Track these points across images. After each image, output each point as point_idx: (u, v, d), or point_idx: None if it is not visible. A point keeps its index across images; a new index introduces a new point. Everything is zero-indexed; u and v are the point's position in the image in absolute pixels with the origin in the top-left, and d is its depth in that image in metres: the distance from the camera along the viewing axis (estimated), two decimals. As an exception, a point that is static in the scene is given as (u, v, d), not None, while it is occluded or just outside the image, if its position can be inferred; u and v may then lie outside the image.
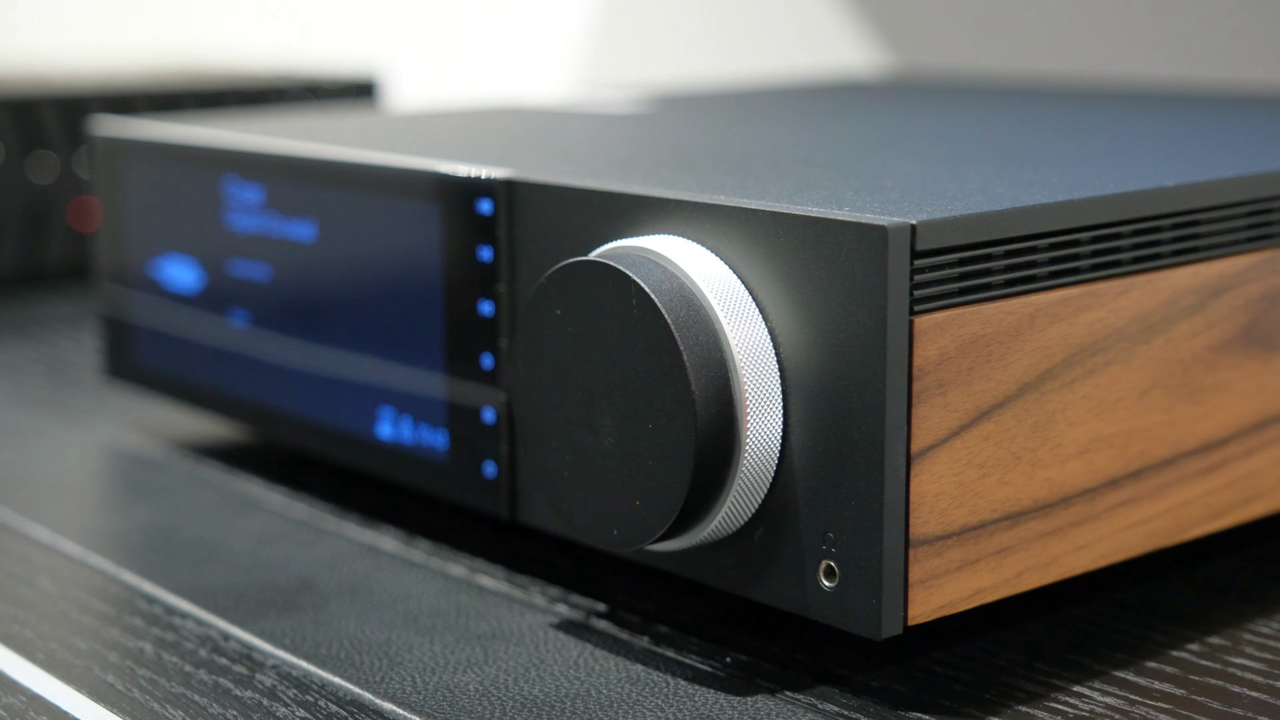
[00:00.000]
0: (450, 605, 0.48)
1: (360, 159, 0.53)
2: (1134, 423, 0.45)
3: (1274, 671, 0.43)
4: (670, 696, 0.42)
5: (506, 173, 0.48)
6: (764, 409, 0.41)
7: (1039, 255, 0.42)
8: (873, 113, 0.70)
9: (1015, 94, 0.76)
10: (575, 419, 0.44)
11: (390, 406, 0.53)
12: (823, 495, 0.41)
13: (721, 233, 0.43)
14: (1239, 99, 0.72)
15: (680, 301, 0.41)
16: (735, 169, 0.49)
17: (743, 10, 1.18)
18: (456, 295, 0.50)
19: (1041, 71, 1.00)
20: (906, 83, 0.86)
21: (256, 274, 0.57)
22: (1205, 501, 0.47)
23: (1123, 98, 0.73)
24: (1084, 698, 0.42)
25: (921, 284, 0.40)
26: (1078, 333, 0.43)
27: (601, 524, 0.43)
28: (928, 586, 0.41)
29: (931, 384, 0.40)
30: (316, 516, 0.56)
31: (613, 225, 0.45)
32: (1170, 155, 0.52)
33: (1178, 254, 0.45)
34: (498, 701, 0.42)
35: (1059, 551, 0.44)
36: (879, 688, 0.43)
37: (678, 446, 0.41)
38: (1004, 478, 0.42)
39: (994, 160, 0.51)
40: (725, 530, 0.43)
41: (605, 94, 0.79)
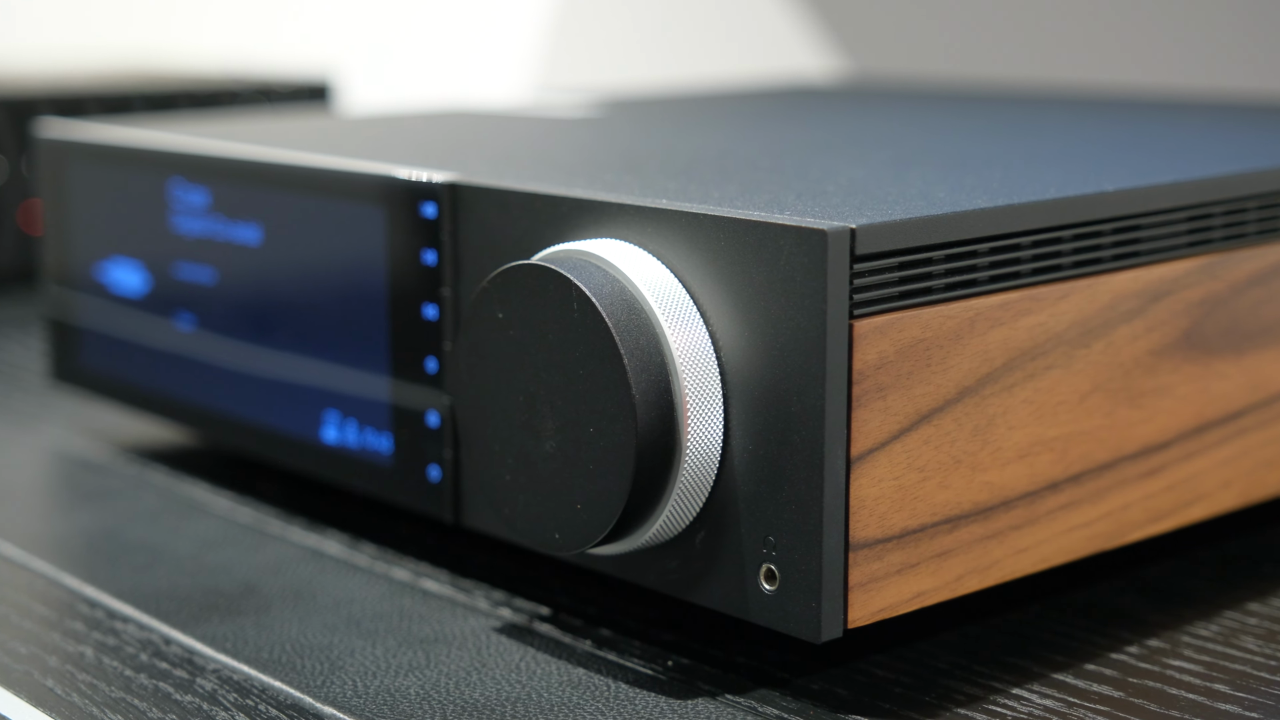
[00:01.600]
0: (393, 609, 0.48)
1: (305, 162, 0.53)
2: (1074, 426, 0.45)
3: (1211, 674, 0.43)
4: (611, 700, 0.42)
5: (450, 176, 0.48)
6: (705, 413, 0.41)
7: (979, 259, 0.43)
8: (822, 117, 0.70)
9: (967, 99, 0.76)
10: (517, 422, 0.44)
11: (335, 410, 0.53)
12: (763, 499, 0.41)
13: (663, 236, 0.43)
14: (1187, 104, 0.72)
15: (621, 305, 0.41)
16: (680, 173, 0.49)
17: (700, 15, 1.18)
18: (401, 299, 0.50)
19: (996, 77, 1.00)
20: (860, 87, 0.86)
21: (202, 277, 0.57)
22: (1146, 505, 0.47)
23: (1073, 103, 0.73)
24: (1022, 700, 0.42)
25: (861, 288, 0.40)
26: (1018, 337, 0.43)
27: (543, 527, 0.43)
28: (868, 590, 0.41)
29: (871, 388, 0.40)
30: (262, 520, 0.55)
31: (556, 229, 0.45)
32: (1113, 160, 0.52)
33: (1118, 258, 0.46)
34: (438, 705, 0.42)
35: (999, 555, 0.44)
36: (819, 690, 0.43)
37: (618, 450, 0.41)
38: (944, 481, 0.42)
39: (939, 164, 0.51)
40: (667, 534, 0.43)
41: (556, 98, 0.79)
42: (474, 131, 0.64)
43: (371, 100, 1.20)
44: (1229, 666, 0.44)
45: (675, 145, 0.57)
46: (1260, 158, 0.52)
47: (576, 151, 0.57)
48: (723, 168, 0.50)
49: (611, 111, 0.70)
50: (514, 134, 0.63)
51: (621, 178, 0.48)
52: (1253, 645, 0.45)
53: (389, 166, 0.50)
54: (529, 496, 0.44)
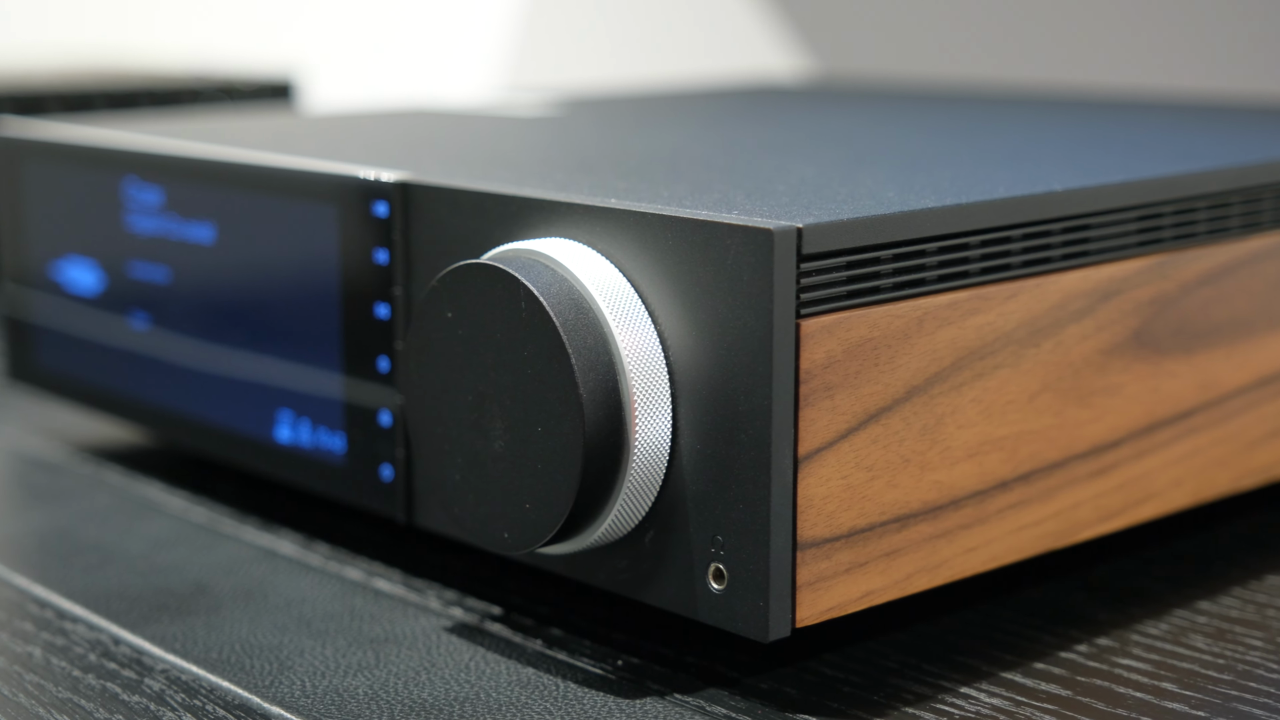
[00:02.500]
0: (344, 609, 0.48)
1: (258, 161, 0.53)
2: (1024, 426, 0.45)
3: (1159, 672, 0.44)
4: (559, 699, 0.42)
5: (402, 175, 0.48)
6: (653, 412, 0.41)
7: (928, 259, 0.43)
8: (782, 116, 0.70)
9: (930, 99, 0.76)
10: (466, 422, 0.43)
11: (289, 410, 0.53)
12: (711, 498, 0.41)
13: (612, 236, 0.43)
14: (1147, 104, 0.73)
15: (569, 304, 0.41)
16: (632, 172, 0.49)
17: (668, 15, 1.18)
18: (353, 298, 0.50)
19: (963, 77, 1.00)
20: (825, 87, 0.86)
21: (156, 276, 0.57)
22: (1096, 504, 0.47)
23: (1034, 103, 0.74)
24: (970, 699, 0.42)
25: (808, 287, 0.40)
26: (966, 336, 0.43)
27: (492, 527, 0.43)
28: (816, 589, 0.41)
29: (819, 387, 0.41)
30: (216, 520, 0.55)
31: (506, 228, 0.45)
32: (1065, 159, 0.52)
33: (1068, 258, 0.46)
34: (386, 705, 0.42)
35: (949, 554, 0.44)
36: (768, 690, 0.43)
37: (566, 449, 0.41)
38: (893, 480, 0.42)
39: (891, 164, 0.51)
40: (615, 533, 0.43)
41: (517, 97, 0.79)
42: (431, 130, 0.64)
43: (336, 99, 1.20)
44: (1177, 665, 0.44)
45: (630, 145, 0.57)
46: (1210, 157, 0.52)
47: (531, 151, 0.57)
48: (675, 167, 0.50)
49: (571, 111, 0.70)
50: (471, 133, 0.63)
51: (573, 177, 0.48)
52: (1201, 644, 0.45)
53: (341, 165, 0.50)
54: (478, 496, 0.44)
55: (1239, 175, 0.50)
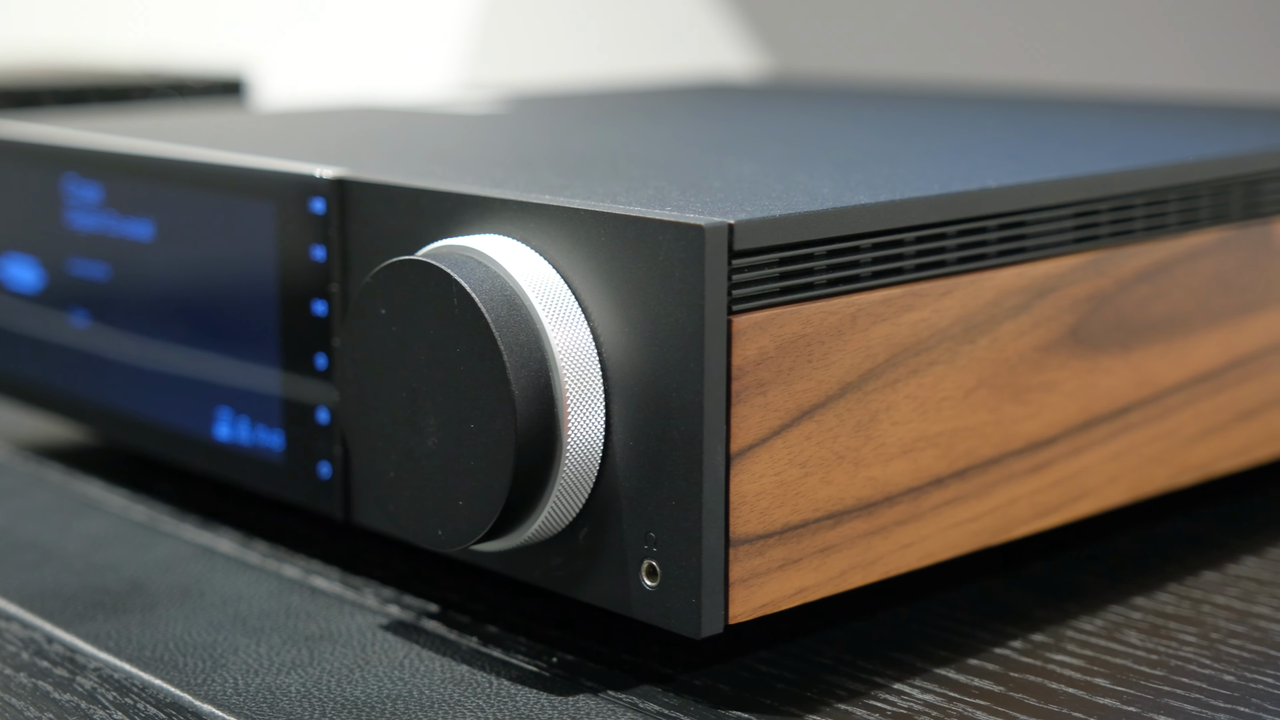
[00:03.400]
0: (280, 607, 0.48)
1: (196, 157, 0.53)
2: (959, 422, 0.45)
3: (1092, 668, 0.44)
4: (492, 697, 0.42)
5: (338, 172, 0.48)
6: (585, 409, 0.41)
7: (862, 255, 0.43)
8: (730, 114, 0.70)
9: (879, 97, 0.76)
10: (400, 418, 0.43)
11: (228, 407, 0.52)
12: (644, 495, 0.41)
13: (545, 232, 0.42)
14: (1094, 102, 0.73)
15: (501, 301, 0.41)
16: (570, 169, 0.49)
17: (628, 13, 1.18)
18: (290, 295, 0.50)
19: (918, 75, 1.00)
20: (779, 85, 0.86)
21: (96, 273, 0.57)
22: (1032, 500, 0.47)
23: (981, 100, 0.74)
24: (903, 695, 0.42)
25: (740, 284, 0.40)
26: (901, 333, 0.43)
27: (427, 524, 0.43)
28: (749, 585, 0.41)
29: (751, 383, 0.40)
30: (155, 518, 0.55)
31: (441, 225, 0.45)
32: (1005, 156, 0.52)
33: (1004, 254, 0.46)
34: (318, 703, 0.41)
35: (883, 550, 0.44)
36: (702, 686, 0.43)
37: (499, 446, 0.41)
38: (827, 477, 0.42)
39: (831, 161, 0.51)
40: (550, 530, 0.43)
41: (467, 93, 0.79)
42: (376, 127, 0.64)
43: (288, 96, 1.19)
44: (1110, 661, 0.44)
45: (573, 142, 0.57)
46: (1148, 155, 0.52)
47: (472, 147, 0.57)
48: (615, 164, 0.50)
49: (519, 108, 0.70)
50: (415, 130, 0.62)
51: (511, 174, 0.48)
52: (1135, 640, 0.45)
53: (278, 162, 0.50)
54: (413, 493, 0.43)
55: (1176, 172, 0.50)
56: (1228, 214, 0.52)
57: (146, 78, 0.97)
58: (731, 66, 1.11)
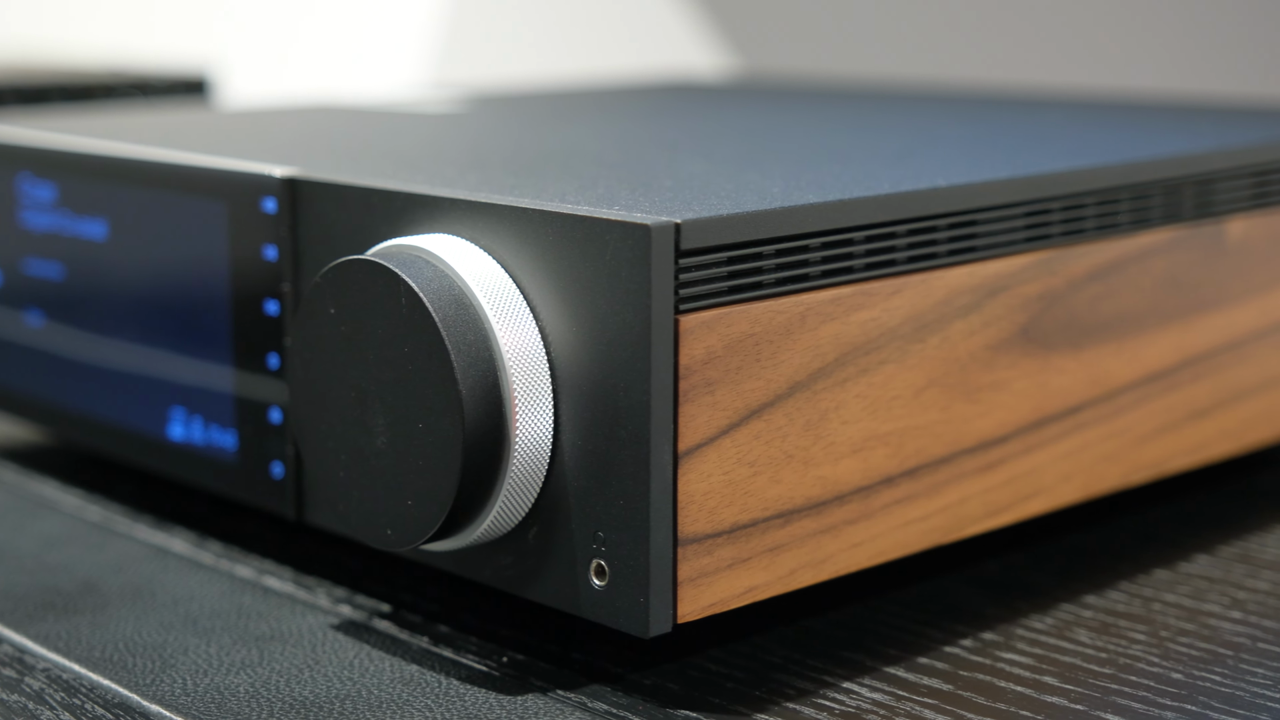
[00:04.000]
0: (232, 607, 0.48)
1: (149, 157, 0.52)
2: (909, 421, 0.45)
3: (1041, 666, 0.44)
4: (441, 696, 0.42)
5: (290, 171, 0.48)
6: (534, 408, 0.41)
7: (811, 254, 0.43)
8: (689, 113, 0.70)
9: (844, 96, 0.76)
10: (349, 418, 0.43)
11: (181, 407, 0.52)
12: (593, 494, 0.41)
13: (494, 232, 0.42)
14: (1049, 102, 0.73)
15: (449, 301, 0.41)
16: (523, 169, 0.49)
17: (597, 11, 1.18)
18: (243, 294, 0.50)
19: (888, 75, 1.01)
20: (744, 84, 0.86)
21: (50, 273, 0.56)
22: (983, 499, 0.47)
23: (941, 100, 0.74)
24: (852, 694, 0.42)
25: (687, 283, 0.40)
26: (850, 332, 0.43)
27: (376, 523, 0.43)
28: (697, 585, 0.41)
29: (699, 383, 0.40)
30: (110, 519, 0.55)
31: (392, 224, 0.45)
32: (957, 156, 0.53)
33: (954, 254, 0.46)
34: (266, 703, 0.41)
35: (833, 549, 0.44)
36: (651, 686, 0.43)
37: (447, 446, 0.41)
38: (776, 476, 0.42)
39: (783, 160, 0.51)
40: (499, 530, 0.43)
41: (427, 93, 0.79)
42: (334, 127, 0.64)
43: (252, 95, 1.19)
44: (1059, 659, 0.44)
45: (528, 141, 0.57)
46: (1100, 154, 0.52)
47: (427, 147, 0.57)
48: (567, 164, 0.50)
49: (479, 108, 0.70)
50: (373, 129, 0.62)
51: (463, 173, 0.48)
52: (1085, 638, 0.46)
53: (230, 161, 0.50)
54: (362, 492, 0.43)
55: (1128, 172, 0.50)
56: (1180, 213, 0.52)
57: (110, 77, 0.97)
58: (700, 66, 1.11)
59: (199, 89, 0.99)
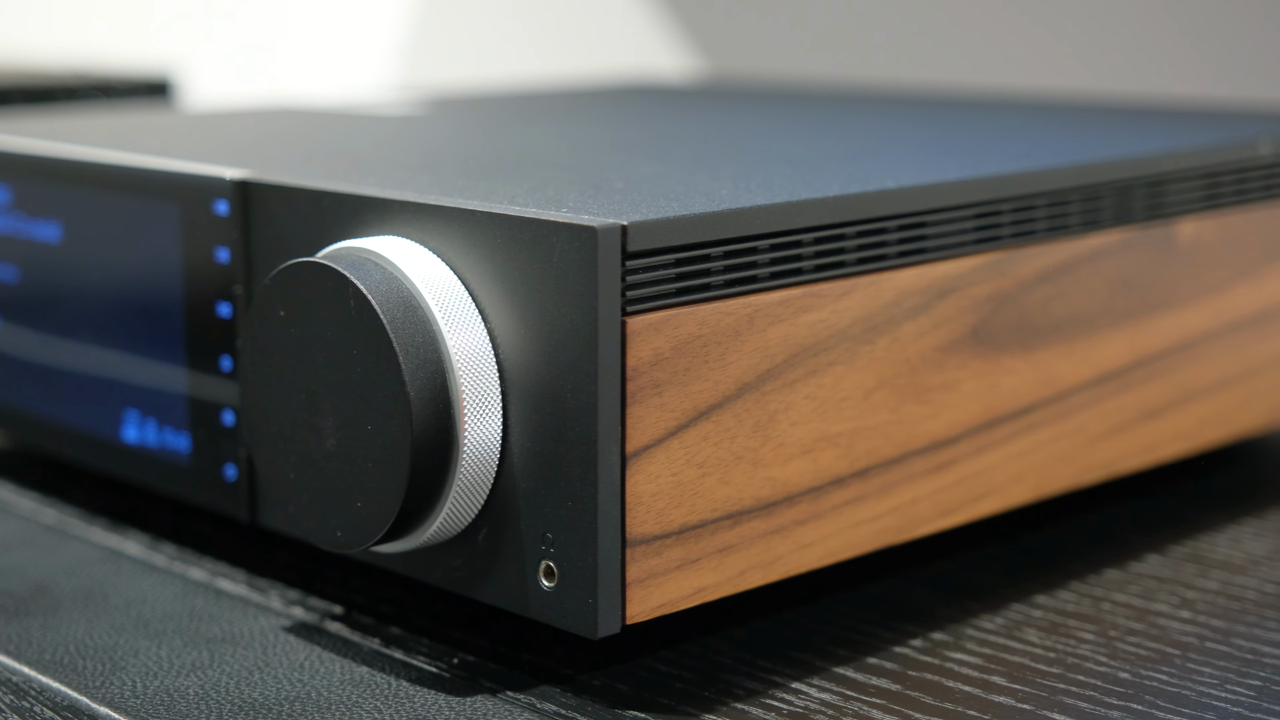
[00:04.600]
0: (184, 609, 0.48)
1: (102, 159, 0.52)
2: (859, 422, 0.45)
3: (990, 666, 0.44)
4: (390, 698, 0.42)
5: (241, 173, 0.48)
6: (482, 410, 0.41)
7: (760, 256, 0.43)
8: (649, 115, 0.70)
9: (805, 99, 0.76)
10: (299, 420, 0.43)
11: (135, 409, 0.52)
12: (541, 496, 0.41)
13: (443, 234, 0.43)
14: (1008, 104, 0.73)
15: (398, 303, 0.41)
16: (475, 171, 0.49)
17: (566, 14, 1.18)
18: (195, 297, 0.50)
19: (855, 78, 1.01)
20: (707, 87, 0.86)
21: (4, 276, 0.56)
22: (934, 499, 0.48)
23: (903, 102, 0.74)
24: (800, 694, 0.42)
25: (635, 285, 0.40)
26: (799, 333, 0.44)
27: (326, 525, 0.43)
28: (646, 586, 0.41)
29: (646, 384, 0.41)
30: (64, 521, 0.55)
31: (342, 226, 0.45)
32: (909, 157, 0.53)
33: (904, 255, 0.46)
34: (215, 705, 0.41)
35: (783, 550, 0.44)
36: (600, 687, 0.43)
37: (395, 448, 0.41)
38: (725, 477, 0.43)
39: (738, 162, 0.51)
40: (449, 531, 0.43)
41: (388, 95, 0.79)
42: (291, 129, 0.64)
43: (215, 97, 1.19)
44: (1008, 659, 0.44)
45: (483, 143, 0.57)
46: (1051, 156, 0.52)
47: (381, 149, 0.57)
48: (520, 166, 0.50)
49: (438, 109, 0.70)
50: (330, 131, 0.62)
51: (414, 175, 0.48)
52: (1034, 637, 0.46)
53: (182, 164, 0.50)
54: (312, 494, 0.43)
55: (1078, 173, 0.50)
56: (1130, 215, 0.52)
57: (72, 79, 0.97)
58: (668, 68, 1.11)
59: (162, 91, 0.99)
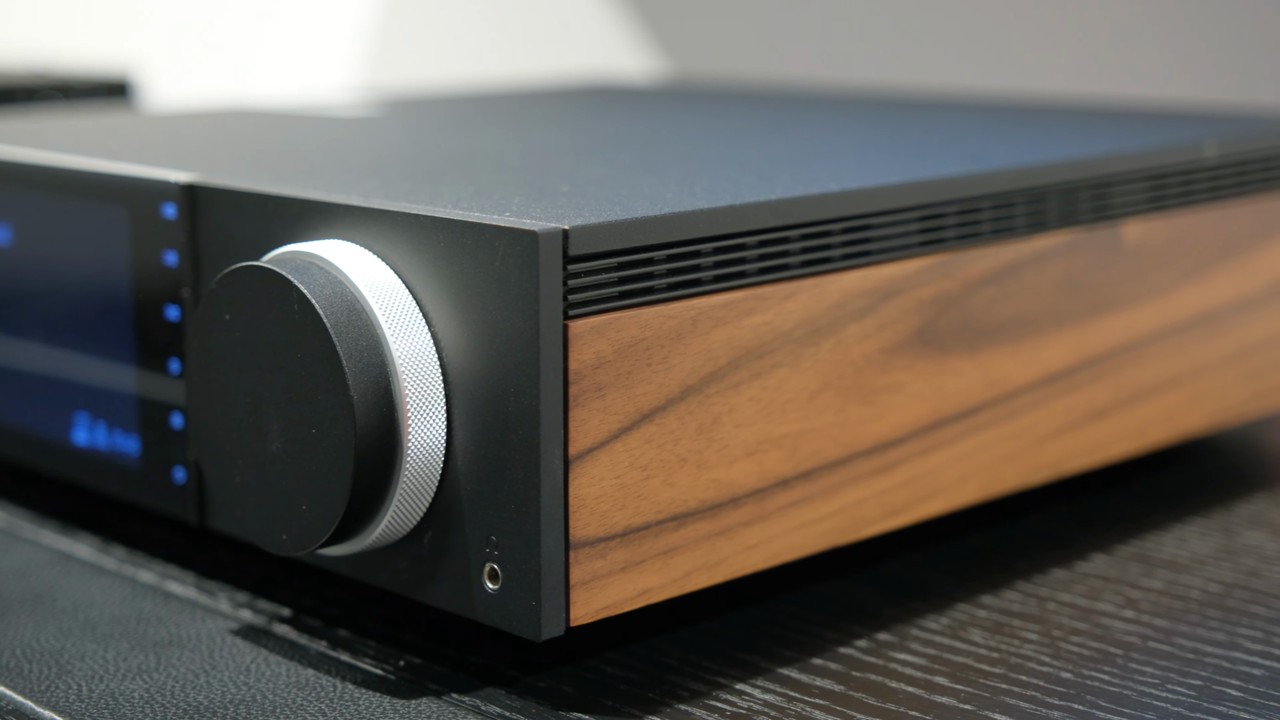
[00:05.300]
0: (132, 612, 0.48)
1: (52, 162, 0.52)
2: (804, 424, 0.46)
3: (933, 666, 0.44)
4: (335, 700, 0.42)
5: (189, 177, 0.48)
6: (426, 414, 0.41)
7: (703, 259, 0.43)
8: (603, 117, 0.70)
9: (763, 101, 0.76)
10: (245, 424, 0.43)
11: (85, 412, 0.52)
12: (485, 499, 0.41)
13: (388, 238, 0.43)
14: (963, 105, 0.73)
15: (342, 307, 0.41)
16: (422, 174, 0.49)
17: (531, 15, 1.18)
18: (144, 300, 0.50)
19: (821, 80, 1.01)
20: (668, 88, 0.86)
21: (-45, 278, 0.56)
22: (880, 500, 0.48)
23: (860, 104, 0.74)
24: (745, 695, 0.43)
25: (577, 288, 0.40)
26: (742, 336, 0.44)
27: (272, 528, 0.43)
28: (590, 588, 0.42)
29: (589, 387, 0.41)
30: (14, 524, 0.55)
31: (288, 230, 0.45)
32: (856, 160, 0.53)
33: (848, 258, 0.46)
34: (160, 708, 0.41)
35: (728, 551, 0.44)
36: (545, 688, 0.43)
37: (339, 451, 0.41)
38: (669, 479, 0.43)
39: (685, 165, 0.51)
40: (394, 534, 0.43)
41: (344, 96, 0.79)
42: (244, 131, 0.64)
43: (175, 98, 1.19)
44: (951, 659, 0.45)
45: (433, 146, 0.57)
46: (996, 158, 0.53)
47: (333, 152, 0.57)
48: (468, 169, 0.50)
49: (393, 111, 0.70)
50: (283, 134, 0.62)
51: (361, 179, 0.48)
52: (979, 638, 0.46)
53: (130, 167, 0.50)
54: (258, 497, 0.44)
55: (1024, 175, 0.51)
56: (1076, 216, 0.52)
57: (31, 79, 0.97)
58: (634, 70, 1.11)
59: (121, 92, 0.98)
